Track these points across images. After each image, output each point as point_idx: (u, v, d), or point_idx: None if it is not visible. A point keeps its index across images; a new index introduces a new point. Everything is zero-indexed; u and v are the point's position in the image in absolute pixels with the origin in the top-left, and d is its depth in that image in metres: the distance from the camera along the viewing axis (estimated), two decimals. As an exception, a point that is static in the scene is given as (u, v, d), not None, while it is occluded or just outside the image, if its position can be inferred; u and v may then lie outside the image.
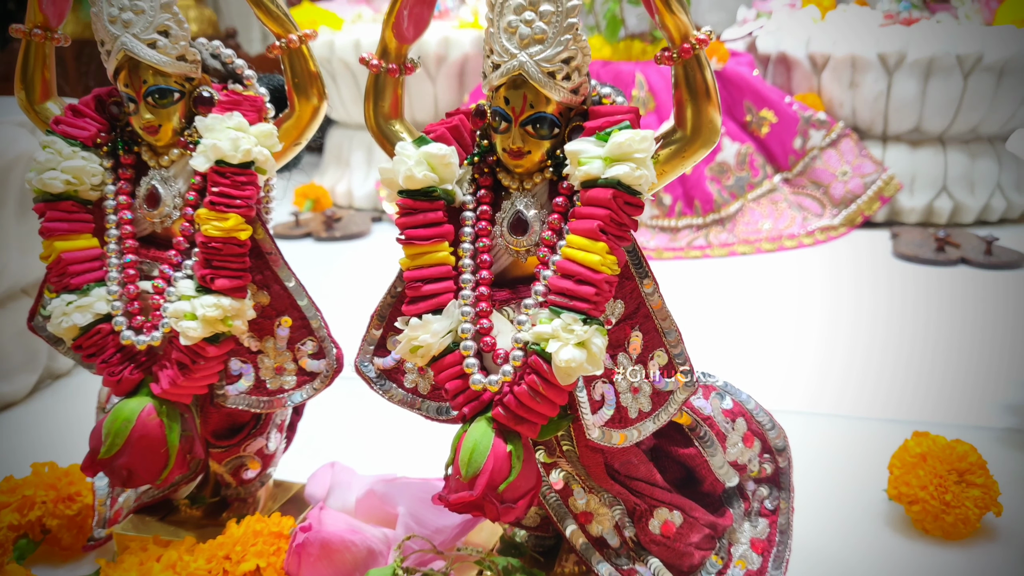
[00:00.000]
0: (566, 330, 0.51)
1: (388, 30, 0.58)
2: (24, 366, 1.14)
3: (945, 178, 2.23)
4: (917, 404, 1.11)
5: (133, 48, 0.59)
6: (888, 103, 2.21)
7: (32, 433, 1.07)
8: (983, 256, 1.82)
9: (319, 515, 0.63)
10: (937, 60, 2.11)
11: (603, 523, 0.62)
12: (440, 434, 1.02)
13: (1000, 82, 2.12)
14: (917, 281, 1.74)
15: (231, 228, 0.59)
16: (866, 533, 0.81)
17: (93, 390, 1.17)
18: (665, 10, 0.52)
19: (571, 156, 0.53)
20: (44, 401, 1.15)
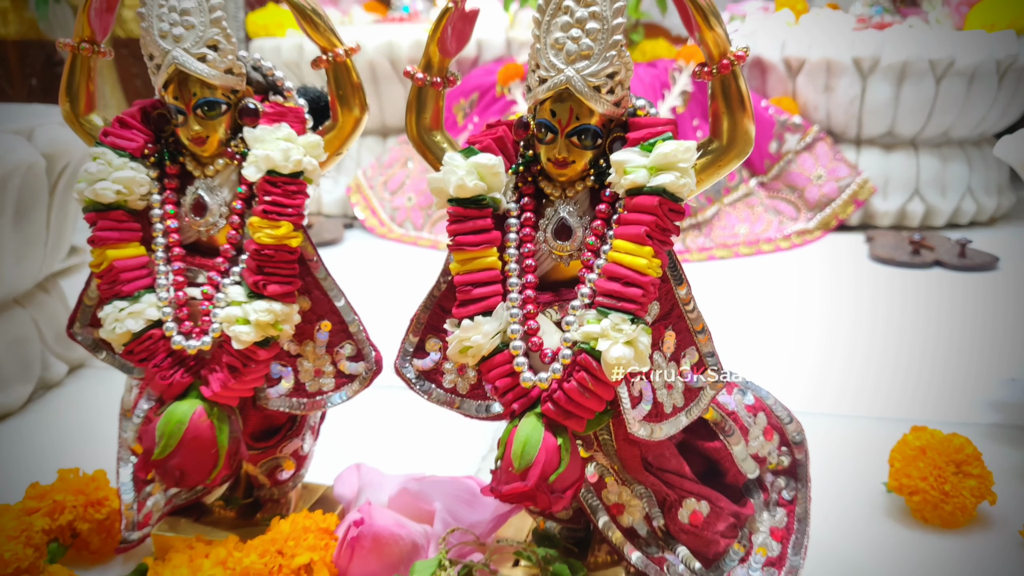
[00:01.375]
0: (615, 329, 0.54)
1: (433, 45, 0.61)
2: (19, 376, 1.14)
3: (917, 181, 2.30)
4: (905, 402, 1.16)
5: (184, 62, 0.61)
6: (862, 107, 2.28)
7: (32, 443, 1.07)
8: (957, 258, 1.89)
9: (369, 510, 0.65)
10: (910, 64, 2.18)
11: (634, 514, 0.66)
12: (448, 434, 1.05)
13: (971, 86, 2.19)
14: (894, 283, 1.80)
15: (283, 236, 0.61)
16: (869, 524, 0.85)
17: (87, 400, 1.19)
18: (706, 27, 0.55)
19: (617, 165, 0.56)
20: (40, 411, 1.15)
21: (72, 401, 1.18)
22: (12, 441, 1.06)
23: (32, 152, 1.03)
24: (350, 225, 2.34)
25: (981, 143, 2.39)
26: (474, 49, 2.57)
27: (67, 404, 1.17)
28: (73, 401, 1.18)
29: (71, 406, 1.17)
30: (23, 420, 1.12)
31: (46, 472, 0.97)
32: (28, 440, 1.07)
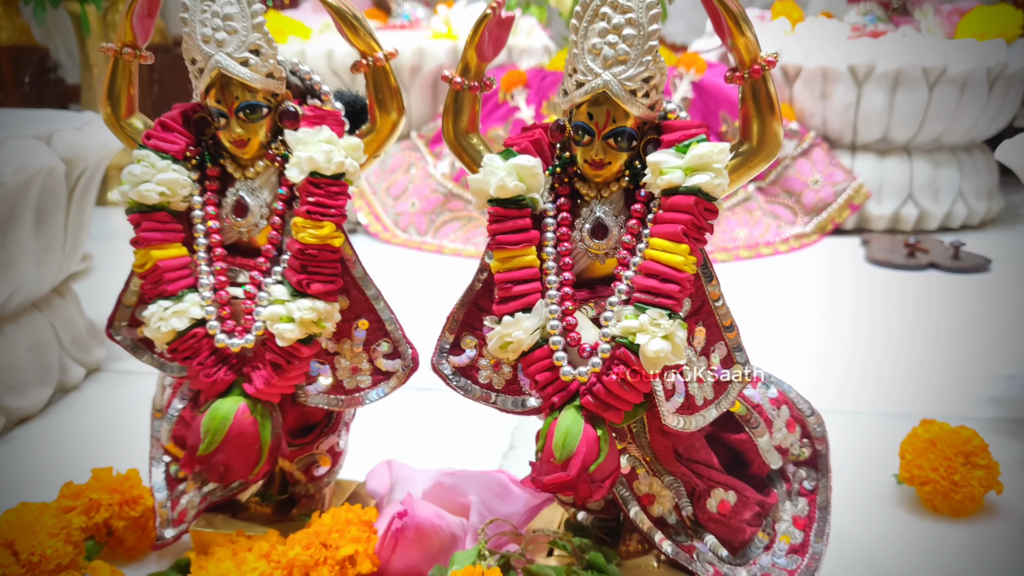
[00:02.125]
0: (653, 324, 0.56)
1: (471, 50, 0.63)
2: (39, 380, 1.14)
3: (911, 186, 2.34)
4: (906, 399, 1.19)
5: (227, 66, 0.63)
6: (857, 113, 2.32)
7: (54, 444, 1.07)
8: (951, 261, 1.93)
9: (411, 502, 0.67)
10: (904, 72, 2.22)
11: (663, 504, 0.68)
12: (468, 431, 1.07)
13: (962, 94, 2.24)
14: (891, 285, 1.84)
15: (326, 236, 0.63)
16: (881, 513, 0.88)
17: (105, 403, 1.20)
18: (738, 32, 0.57)
19: (653, 166, 0.58)
20: (59, 414, 1.16)
21: (90, 404, 1.19)
22: (35, 443, 1.07)
23: (52, 157, 1.04)
24: (353, 230, 2.35)
25: (972, 149, 2.44)
26: (474, 56, 2.59)
27: (86, 407, 1.18)
28: (91, 404, 1.19)
29: (90, 409, 1.17)
30: (44, 423, 1.13)
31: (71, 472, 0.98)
32: (50, 442, 1.08)
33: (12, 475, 0.99)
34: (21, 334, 1.11)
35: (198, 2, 0.63)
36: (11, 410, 1.08)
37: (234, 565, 0.64)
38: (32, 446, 1.06)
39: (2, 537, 0.71)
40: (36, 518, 0.73)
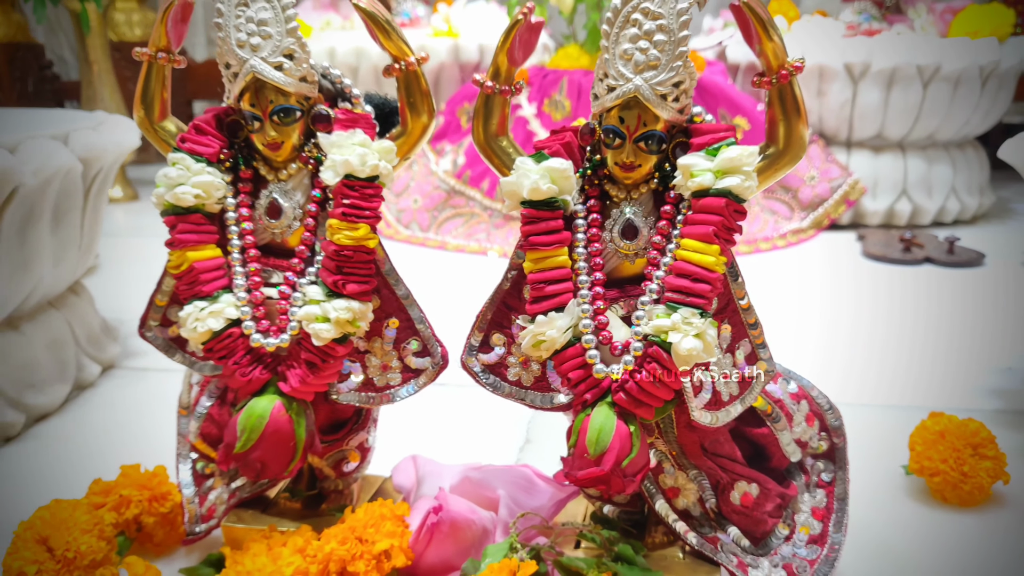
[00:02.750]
0: (685, 323, 0.58)
1: (503, 55, 0.64)
2: (57, 377, 1.15)
3: (905, 182, 2.37)
4: (908, 392, 1.21)
5: (262, 70, 0.64)
6: (853, 111, 2.35)
7: (74, 441, 1.08)
8: (946, 255, 1.96)
9: (445, 497, 0.68)
10: (899, 70, 2.25)
11: (688, 497, 0.69)
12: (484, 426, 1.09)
13: (956, 91, 2.27)
14: (887, 279, 1.86)
15: (361, 237, 0.64)
16: (892, 503, 0.90)
17: (121, 399, 1.20)
18: (766, 38, 0.59)
19: (683, 169, 0.60)
20: (77, 411, 1.17)
21: (107, 401, 1.20)
22: (55, 440, 1.08)
23: (70, 157, 1.05)
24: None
25: (964, 145, 2.47)
26: (476, 54, 2.61)
27: (103, 404, 1.19)
28: (108, 401, 1.20)
29: (107, 406, 1.18)
30: (63, 420, 1.13)
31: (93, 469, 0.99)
32: (70, 439, 1.09)
33: (35, 472, 1.00)
34: (39, 332, 1.11)
35: (233, 7, 0.64)
36: (31, 408, 1.08)
37: (270, 560, 0.65)
38: (52, 443, 1.07)
39: (36, 534, 0.72)
40: (69, 515, 0.74)
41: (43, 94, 3.44)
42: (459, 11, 2.77)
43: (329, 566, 0.65)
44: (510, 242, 2.13)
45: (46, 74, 3.49)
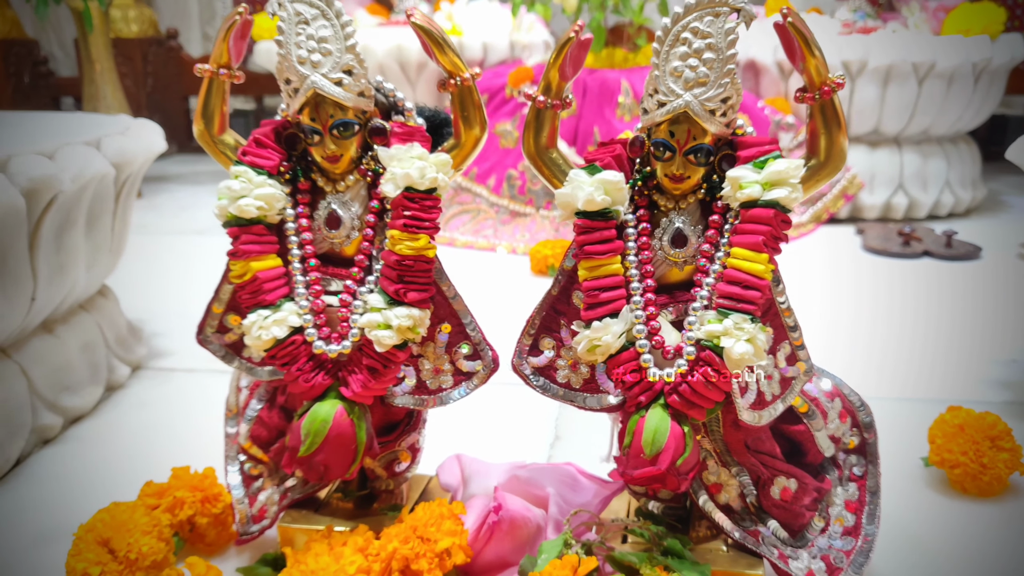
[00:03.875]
0: (737, 328, 0.61)
1: (554, 70, 0.67)
2: (90, 380, 1.17)
3: (901, 176, 2.42)
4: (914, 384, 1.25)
5: (323, 86, 0.66)
6: (850, 107, 2.39)
7: (111, 442, 1.10)
8: (944, 249, 2.00)
9: (504, 496, 0.71)
10: (895, 67, 2.30)
11: (730, 492, 0.73)
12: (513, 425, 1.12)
13: (950, 87, 2.32)
14: (888, 273, 1.91)
15: (421, 247, 0.67)
16: (913, 494, 0.94)
17: (152, 400, 1.23)
18: (810, 55, 0.62)
19: (732, 181, 0.63)
20: (111, 413, 1.19)
21: (138, 401, 1.22)
22: (92, 442, 1.10)
23: (104, 163, 1.06)
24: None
25: (957, 140, 2.52)
26: (479, 52, 2.63)
27: (136, 404, 1.21)
28: (139, 401, 1.22)
29: (139, 406, 1.20)
30: (97, 421, 1.15)
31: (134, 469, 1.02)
32: (107, 440, 1.11)
33: (77, 473, 1.02)
34: (72, 335, 1.13)
35: (293, 25, 0.66)
36: (67, 410, 1.10)
37: (332, 559, 0.68)
38: (90, 445, 1.09)
39: (98, 536, 0.74)
40: (129, 517, 0.76)
41: (38, 90, 3.43)
42: (462, 9, 2.78)
43: (392, 564, 0.67)
44: (517, 238, 2.15)
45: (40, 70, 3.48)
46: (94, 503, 0.92)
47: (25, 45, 3.37)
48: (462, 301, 0.74)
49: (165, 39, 3.46)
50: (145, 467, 1.02)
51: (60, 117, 1.29)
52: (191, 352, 1.40)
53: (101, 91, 2.62)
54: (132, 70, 3.34)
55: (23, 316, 0.98)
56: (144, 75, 3.45)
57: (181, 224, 2.39)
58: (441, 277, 0.72)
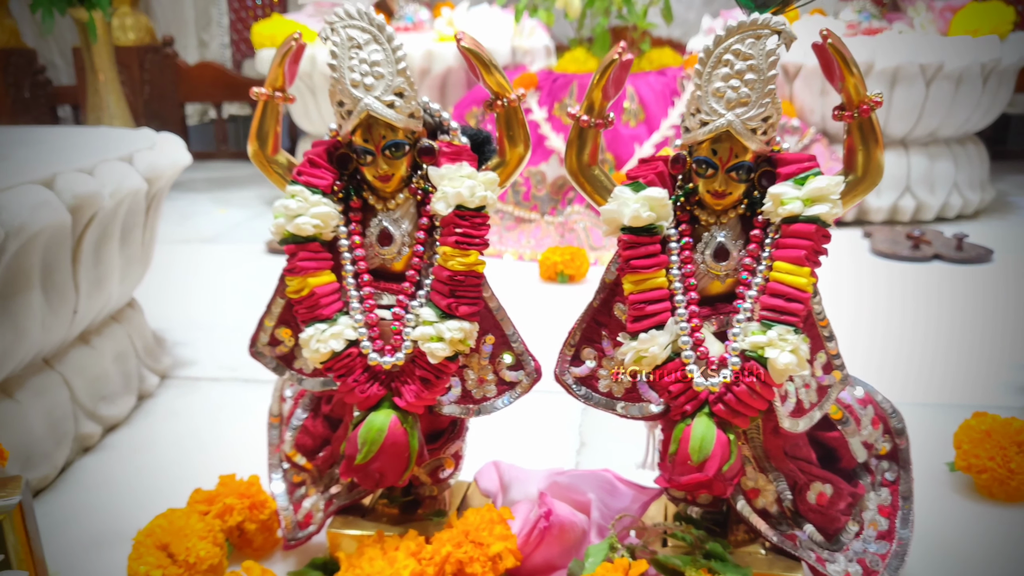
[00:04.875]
0: (781, 339, 0.63)
1: (598, 91, 0.69)
2: (123, 389, 1.19)
3: (908, 179, 2.44)
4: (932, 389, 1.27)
5: (376, 109, 0.68)
6: (856, 109, 2.41)
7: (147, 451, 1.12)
8: (955, 252, 2.02)
9: (552, 502, 0.74)
10: (902, 69, 2.31)
11: (767, 497, 0.75)
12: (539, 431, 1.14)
13: (958, 89, 2.33)
14: (898, 277, 1.92)
15: (472, 263, 0.69)
16: (939, 500, 0.96)
17: (181, 408, 1.25)
18: (848, 74, 0.64)
19: (774, 197, 0.65)
20: (143, 421, 1.21)
21: (169, 410, 1.24)
22: (129, 450, 1.12)
23: (137, 178, 1.09)
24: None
25: (965, 141, 2.54)
26: (482, 57, 2.65)
27: (166, 413, 1.23)
28: (170, 410, 1.24)
29: (170, 415, 1.22)
30: (132, 430, 1.17)
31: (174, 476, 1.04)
32: (143, 447, 1.13)
33: (119, 480, 1.04)
34: (107, 346, 1.15)
35: (346, 50, 0.68)
36: (104, 419, 1.12)
37: (387, 563, 0.70)
38: (127, 453, 1.11)
39: (157, 540, 0.77)
40: (185, 522, 0.78)
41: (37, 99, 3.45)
42: (462, 15, 2.81)
43: (445, 568, 0.70)
44: (523, 244, 2.17)
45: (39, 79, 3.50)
46: (139, 509, 0.95)
47: (24, 55, 3.39)
48: (505, 313, 0.76)
49: (161, 46, 3.48)
50: (184, 473, 1.04)
51: (85, 132, 1.31)
52: (213, 361, 1.43)
53: (104, 101, 2.64)
54: (130, 78, 3.36)
55: (66, 328, 1.00)
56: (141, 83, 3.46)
57: (186, 232, 2.41)
58: (487, 290, 0.74)
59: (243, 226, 2.51)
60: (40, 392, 0.99)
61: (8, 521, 0.59)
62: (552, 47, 2.96)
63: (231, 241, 2.34)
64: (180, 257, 2.19)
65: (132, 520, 0.92)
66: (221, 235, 2.41)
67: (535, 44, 2.79)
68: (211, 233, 2.43)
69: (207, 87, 3.50)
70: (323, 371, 0.72)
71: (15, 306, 0.87)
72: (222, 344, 1.51)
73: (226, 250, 2.24)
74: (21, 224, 0.81)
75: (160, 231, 2.54)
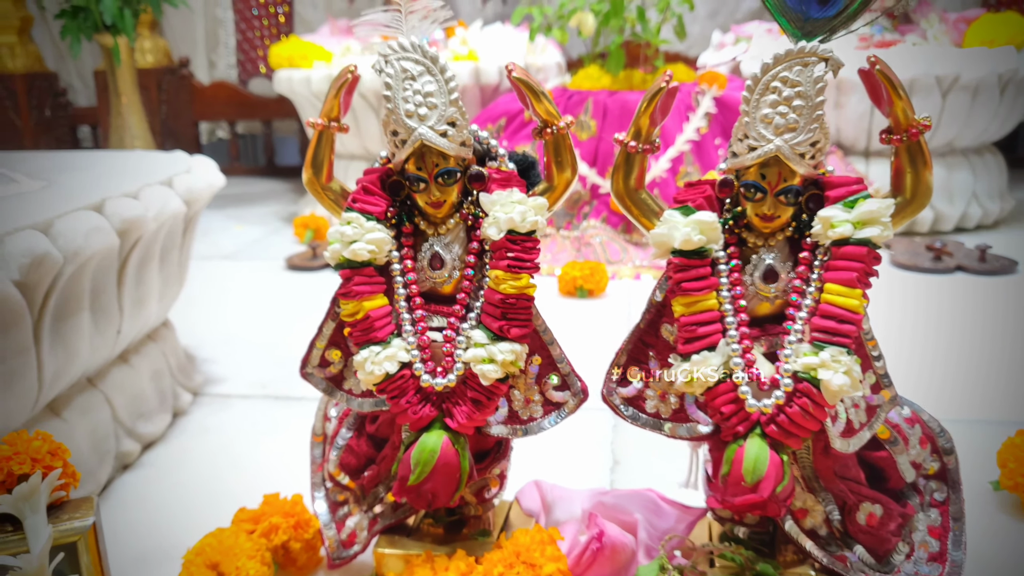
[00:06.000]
0: (834, 360, 0.64)
1: (645, 117, 0.70)
2: (159, 407, 1.21)
3: (927, 189, 2.44)
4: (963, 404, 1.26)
5: (429, 138, 0.70)
6: (872, 121, 2.42)
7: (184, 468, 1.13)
8: (978, 263, 2.02)
9: (601, 523, 0.74)
10: (917, 81, 2.32)
11: (815, 517, 0.75)
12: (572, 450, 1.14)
13: (975, 99, 2.34)
14: (921, 289, 1.90)
15: (523, 286, 0.70)
16: (985, 518, 0.96)
17: (215, 425, 1.26)
18: (896, 98, 0.65)
19: (823, 220, 0.66)
20: (178, 439, 1.22)
21: (203, 427, 1.25)
22: (167, 467, 1.13)
23: (177, 201, 1.10)
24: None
25: (982, 151, 2.54)
26: (495, 76, 2.67)
27: (200, 430, 1.24)
28: (204, 427, 1.25)
29: (204, 432, 1.24)
30: (168, 447, 1.19)
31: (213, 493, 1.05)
32: (180, 465, 1.14)
33: (159, 497, 1.05)
34: (144, 364, 1.17)
35: (400, 81, 0.70)
36: (142, 436, 1.14)
37: (438, 584, 0.71)
38: (165, 470, 1.12)
39: (207, 559, 0.78)
40: (234, 542, 0.79)
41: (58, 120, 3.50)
42: (476, 34, 2.83)
43: (497, 589, 0.70)
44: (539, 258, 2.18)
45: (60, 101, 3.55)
46: (182, 527, 0.96)
47: (46, 78, 3.45)
48: (552, 334, 0.77)
49: (178, 67, 3.52)
50: (222, 491, 1.06)
51: (122, 156, 1.33)
52: (242, 378, 1.44)
53: (127, 122, 2.69)
54: (148, 99, 3.40)
55: (111, 348, 1.01)
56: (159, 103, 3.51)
57: (207, 249, 2.43)
58: (535, 313, 0.75)
59: (261, 242, 2.53)
60: (85, 411, 1.00)
61: (83, 542, 0.60)
62: (564, 64, 2.98)
63: (251, 257, 2.35)
64: (202, 274, 2.20)
65: (176, 538, 0.93)
66: (240, 251, 2.43)
67: (548, 61, 2.81)
68: (231, 249, 2.45)
69: (221, 106, 3.56)
70: (375, 392, 0.73)
71: (67, 328, 0.88)
72: (250, 361, 1.52)
73: (247, 267, 2.25)
74: (76, 249, 0.82)
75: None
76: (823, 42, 0.66)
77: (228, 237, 2.60)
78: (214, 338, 1.64)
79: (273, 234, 2.63)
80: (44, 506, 0.60)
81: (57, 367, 0.87)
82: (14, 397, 0.81)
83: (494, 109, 2.47)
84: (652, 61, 2.61)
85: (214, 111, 3.58)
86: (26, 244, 0.78)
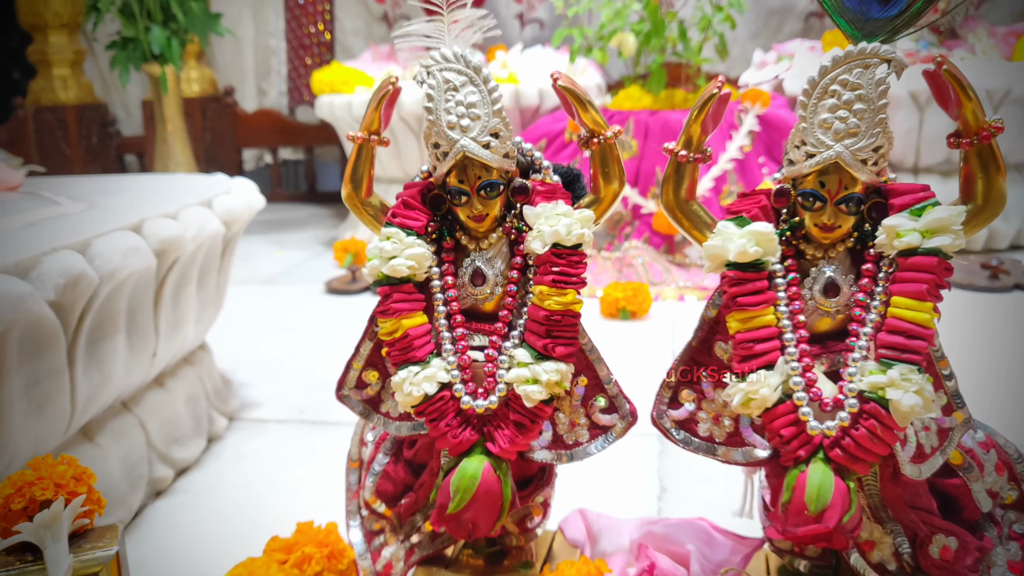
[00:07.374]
0: (904, 379, 0.59)
1: (696, 125, 0.67)
2: (194, 432, 1.19)
3: (979, 207, 2.36)
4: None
5: (472, 150, 0.67)
6: (920, 137, 2.35)
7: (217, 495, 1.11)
8: (1037, 281, 1.94)
9: (653, 555, 0.70)
10: (968, 97, 2.25)
11: (883, 550, 0.70)
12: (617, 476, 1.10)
13: (1028, 114, 2.27)
14: (980, 309, 1.84)
15: (569, 302, 0.67)
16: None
17: (250, 451, 1.24)
18: (966, 100, 0.61)
19: (889, 230, 0.62)
20: (213, 464, 1.20)
21: (238, 453, 1.23)
22: (201, 493, 1.11)
23: (216, 222, 1.10)
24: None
25: (1035, 166, 2.46)
26: (535, 98, 2.67)
27: (235, 456, 1.22)
28: (239, 453, 1.23)
29: (239, 458, 1.22)
30: (202, 473, 1.17)
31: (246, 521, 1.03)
32: (214, 491, 1.12)
33: (192, 525, 1.03)
34: (179, 388, 1.16)
35: (442, 92, 0.67)
36: (176, 461, 1.12)
37: (480, 617, 0.67)
38: (199, 497, 1.11)
39: (238, 592, 0.75)
40: (265, 572, 0.76)
41: (106, 149, 3.59)
42: (516, 57, 2.84)
43: (544, 624, 0.66)
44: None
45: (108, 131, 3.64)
46: (214, 555, 0.94)
47: (96, 109, 3.55)
48: (599, 352, 0.73)
49: (222, 96, 3.60)
50: (256, 518, 1.03)
51: (164, 179, 1.33)
52: (279, 402, 1.42)
53: (172, 149, 2.75)
54: (192, 126, 3.48)
55: (146, 371, 1.00)
56: (203, 130, 3.59)
57: (246, 274, 2.44)
58: (581, 331, 0.72)
59: (301, 267, 2.54)
60: (118, 435, 0.99)
61: (106, 572, 0.57)
62: (604, 85, 2.96)
63: (290, 282, 2.36)
64: (241, 298, 2.21)
65: (206, 567, 0.91)
66: (280, 276, 2.44)
67: (588, 83, 2.80)
68: (270, 274, 2.46)
69: (264, 133, 3.62)
70: (414, 415, 0.70)
71: (102, 350, 0.87)
72: (287, 385, 1.51)
73: (286, 291, 2.25)
74: (113, 269, 0.81)
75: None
76: (884, 43, 0.63)
77: (268, 262, 2.62)
78: (251, 362, 1.63)
79: (313, 258, 2.64)
80: (66, 534, 0.58)
81: (91, 390, 0.86)
82: (46, 420, 0.80)
83: (535, 130, 2.46)
84: (694, 80, 2.58)
85: (257, 138, 3.65)
86: (62, 264, 0.77)
